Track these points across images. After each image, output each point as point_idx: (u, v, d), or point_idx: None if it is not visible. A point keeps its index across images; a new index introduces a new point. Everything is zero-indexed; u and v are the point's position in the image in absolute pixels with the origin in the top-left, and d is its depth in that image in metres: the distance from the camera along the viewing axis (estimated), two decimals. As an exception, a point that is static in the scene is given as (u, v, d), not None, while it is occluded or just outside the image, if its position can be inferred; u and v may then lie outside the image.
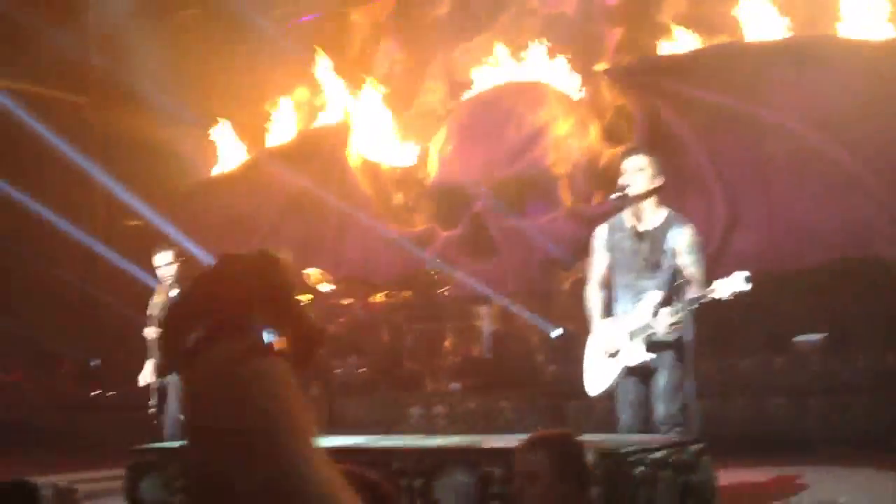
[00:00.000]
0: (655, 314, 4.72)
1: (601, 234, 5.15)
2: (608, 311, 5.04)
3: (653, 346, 4.79)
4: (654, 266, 4.85)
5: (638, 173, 4.95)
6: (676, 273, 4.82)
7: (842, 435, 7.04)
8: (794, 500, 5.56)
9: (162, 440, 6.54)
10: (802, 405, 7.48)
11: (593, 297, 5.11)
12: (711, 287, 4.61)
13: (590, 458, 2.85)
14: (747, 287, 4.53)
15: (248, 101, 13.28)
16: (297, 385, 1.18)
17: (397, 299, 10.44)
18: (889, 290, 7.98)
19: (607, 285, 5.07)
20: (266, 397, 1.14)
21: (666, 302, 4.74)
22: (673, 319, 4.67)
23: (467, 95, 12.12)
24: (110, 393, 11.48)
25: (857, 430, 6.98)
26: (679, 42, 10.63)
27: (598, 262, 5.13)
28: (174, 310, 1.25)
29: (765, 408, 7.64)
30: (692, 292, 4.73)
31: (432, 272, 10.31)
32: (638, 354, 4.81)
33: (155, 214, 12.16)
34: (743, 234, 8.43)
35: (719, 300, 4.61)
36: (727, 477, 5.41)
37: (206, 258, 8.03)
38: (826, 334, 7.94)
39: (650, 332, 4.76)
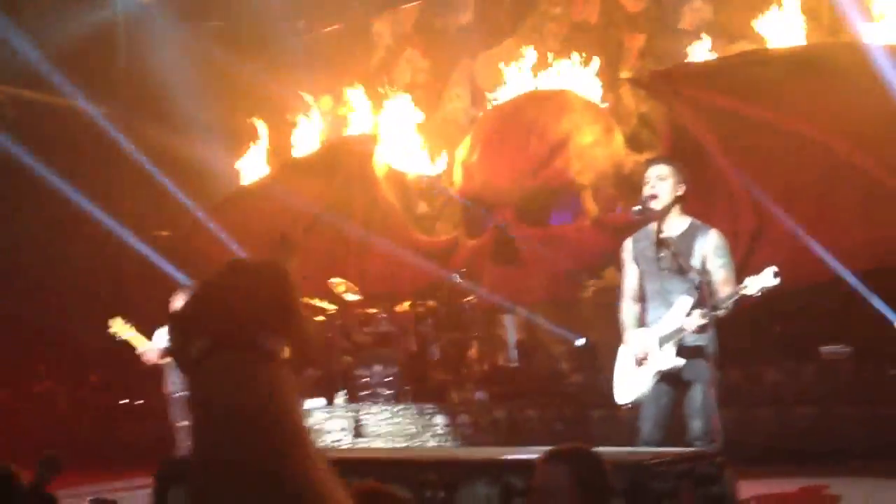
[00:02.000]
0: (687, 317, 4.72)
1: (627, 246, 5.19)
2: (643, 322, 5.05)
3: (683, 351, 4.80)
4: (679, 272, 4.85)
5: (661, 182, 4.98)
6: (705, 277, 4.81)
7: (871, 445, 6.96)
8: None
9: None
10: (830, 415, 7.40)
11: (627, 311, 5.13)
12: (743, 284, 4.62)
13: (610, 471, 2.85)
14: (776, 282, 4.55)
15: (272, 111, 13.36)
16: (298, 393, 1.23)
17: (423, 308, 10.46)
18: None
19: (641, 298, 5.08)
20: (271, 404, 1.18)
21: (696, 306, 4.73)
22: (704, 321, 4.67)
23: (491, 104, 12.13)
24: (138, 402, 11.58)
25: (887, 441, 6.89)
26: (702, 49, 10.58)
27: (629, 275, 5.15)
28: (182, 315, 1.27)
29: (792, 417, 7.57)
30: (723, 292, 4.73)
31: (458, 280, 10.31)
32: (668, 359, 4.82)
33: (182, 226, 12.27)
34: (769, 243, 8.36)
35: (749, 297, 4.62)
36: (753, 488, 5.38)
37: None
38: (851, 348, 7.87)
39: (681, 335, 4.76)
